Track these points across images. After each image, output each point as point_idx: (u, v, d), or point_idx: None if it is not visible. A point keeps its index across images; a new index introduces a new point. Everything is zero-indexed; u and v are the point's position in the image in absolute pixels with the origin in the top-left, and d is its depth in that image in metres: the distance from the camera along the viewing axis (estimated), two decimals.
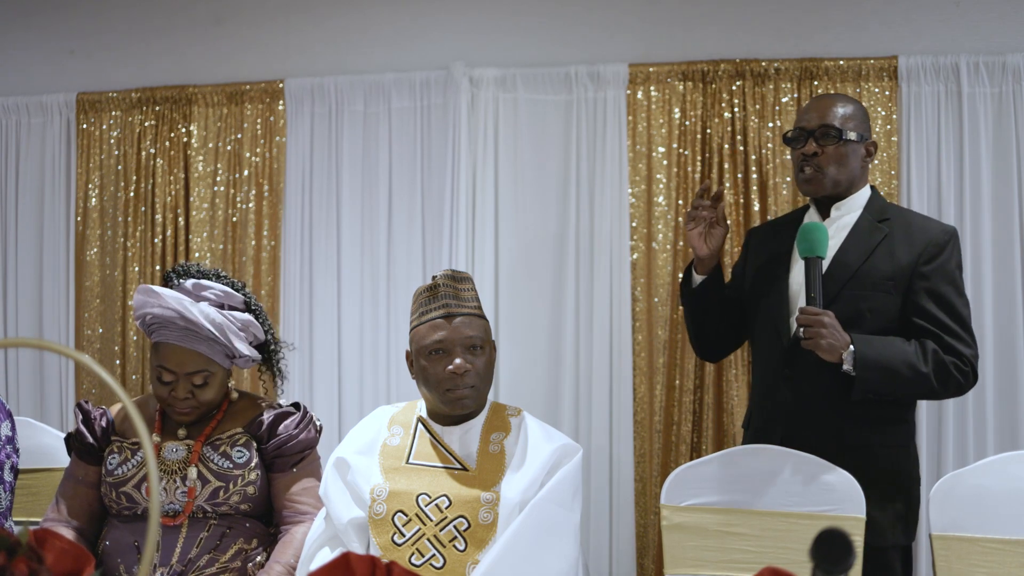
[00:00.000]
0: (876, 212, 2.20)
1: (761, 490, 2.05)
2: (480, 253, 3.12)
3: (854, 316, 2.09)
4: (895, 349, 2.05)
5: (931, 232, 2.15)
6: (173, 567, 1.92)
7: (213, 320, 2.01)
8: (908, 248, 2.12)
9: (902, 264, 2.11)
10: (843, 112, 2.18)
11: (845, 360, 2.03)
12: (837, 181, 2.18)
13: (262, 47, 3.37)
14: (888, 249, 2.13)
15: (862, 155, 2.20)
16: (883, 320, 2.10)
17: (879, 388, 2.05)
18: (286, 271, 3.27)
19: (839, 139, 2.16)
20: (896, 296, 2.11)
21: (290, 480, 2.08)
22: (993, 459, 2.11)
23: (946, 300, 2.09)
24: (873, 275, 2.11)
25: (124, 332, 3.36)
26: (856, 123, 2.19)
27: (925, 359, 2.04)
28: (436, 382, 1.94)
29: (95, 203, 3.40)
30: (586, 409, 3.07)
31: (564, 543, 1.83)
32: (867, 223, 2.17)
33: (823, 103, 2.23)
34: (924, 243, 2.12)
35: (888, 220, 2.18)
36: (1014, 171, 2.94)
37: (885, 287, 2.11)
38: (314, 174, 3.28)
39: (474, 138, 3.16)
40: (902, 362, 2.04)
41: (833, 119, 2.17)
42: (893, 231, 2.15)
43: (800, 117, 2.25)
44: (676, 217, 3.08)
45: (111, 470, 2.03)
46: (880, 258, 2.12)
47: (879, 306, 2.11)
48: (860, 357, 2.02)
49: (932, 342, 2.06)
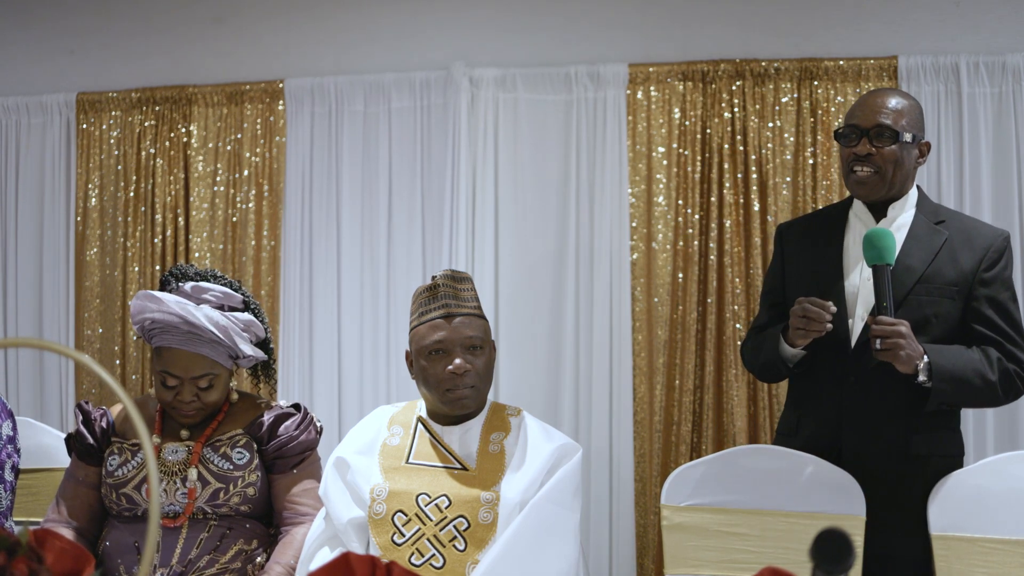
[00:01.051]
0: (930, 213, 2.14)
1: (761, 490, 2.05)
2: (480, 253, 3.12)
3: (920, 321, 2.04)
4: (966, 359, 2.02)
5: (989, 237, 2.11)
6: (173, 568, 1.92)
7: (217, 323, 2.01)
8: (970, 253, 2.08)
9: (965, 270, 2.07)
10: (899, 110, 2.08)
11: (921, 371, 1.98)
12: (893, 183, 2.10)
13: (262, 47, 3.37)
14: (950, 253, 2.08)
15: (915, 156, 2.12)
16: (947, 326, 2.06)
17: (952, 398, 2.03)
18: (286, 271, 3.27)
19: (895, 140, 2.06)
20: (959, 302, 2.07)
21: (290, 481, 2.08)
22: (993, 459, 2.12)
23: (1005, 307, 2.07)
24: (938, 280, 2.07)
25: (124, 332, 3.36)
26: (912, 122, 2.10)
27: (992, 368, 2.02)
28: (436, 382, 1.94)
29: (95, 203, 3.40)
30: (586, 409, 3.07)
31: (564, 543, 1.83)
32: (924, 225, 2.12)
33: (878, 99, 2.12)
34: (984, 248, 2.08)
35: (944, 223, 2.13)
36: (1014, 171, 2.94)
37: (949, 292, 2.06)
38: (314, 174, 3.28)
39: (474, 138, 3.16)
40: (973, 372, 2.01)
41: (888, 118, 2.07)
42: (952, 235, 2.10)
43: (852, 112, 2.15)
44: (676, 217, 3.08)
45: (111, 471, 2.03)
46: (943, 262, 2.08)
47: (944, 312, 2.06)
48: (936, 368, 1.97)
49: (995, 350, 2.04)
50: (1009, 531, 1.96)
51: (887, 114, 2.08)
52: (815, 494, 2.02)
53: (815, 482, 2.02)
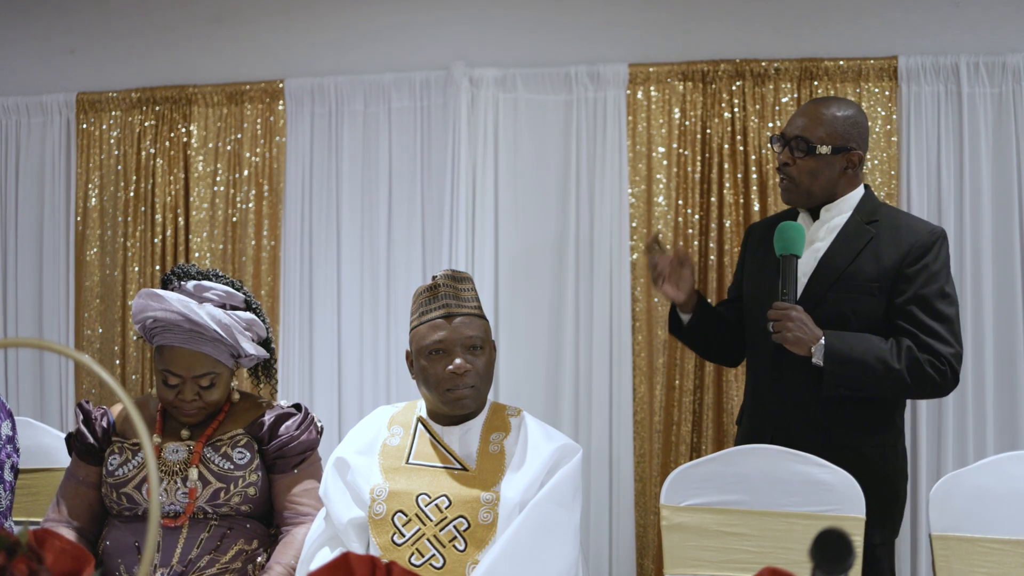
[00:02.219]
0: (866, 214, 2.18)
1: (761, 490, 2.05)
2: (480, 253, 3.13)
3: (840, 318, 2.10)
4: (867, 345, 2.06)
5: (918, 233, 2.13)
6: (173, 568, 1.92)
7: (220, 321, 2.01)
8: (894, 249, 2.12)
9: (887, 266, 2.11)
10: (819, 122, 2.15)
11: (814, 354, 2.05)
12: (811, 193, 2.17)
13: (262, 47, 3.37)
14: (874, 251, 2.13)
15: (840, 167, 2.16)
16: (869, 322, 2.11)
17: (850, 383, 2.06)
18: (286, 271, 3.27)
19: (809, 153, 2.14)
20: (881, 298, 2.11)
21: (291, 481, 2.08)
22: (993, 459, 2.11)
23: (927, 301, 2.08)
24: (858, 277, 2.12)
25: (124, 332, 3.36)
26: (834, 134, 2.14)
27: (899, 356, 2.04)
28: (436, 382, 1.94)
29: (95, 203, 3.40)
30: (586, 409, 3.07)
31: (564, 543, 1.83)
32: (855, 225, 2.17)
33: (807, 111, 2.20)
34: (910, 244, 2.11)
35: (876, 222, 2.17)
36: (1014, 171, 2.94)
37: (870, 289, 2.11)
38: (314, 174, 3.28)
39: (474, 138, 3.16)
40: (874, 357, 2.04)
41: (809, 130, 2.15)
42: (880, 232, 2.14)
43: (790, 120, 2.24)
44: (676, 217, 3.08)
45: (112, 471, 2.03)
46: (866, 260, 2.12)
47: (864, 308, 2.11)
48: (829, 350, 2.03)
49: (909, 340, 2.06)
50: (1009, 531, 1.96)
51: (806, 126, 2.15)
52: (815, 494, 2.02)
53: (815, 482, 2.02)
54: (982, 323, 2.91)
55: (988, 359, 2.90)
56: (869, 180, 3.00)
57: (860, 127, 2.19)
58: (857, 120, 2.18)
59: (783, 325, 2.04)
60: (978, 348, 2.92)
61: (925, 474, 2.89)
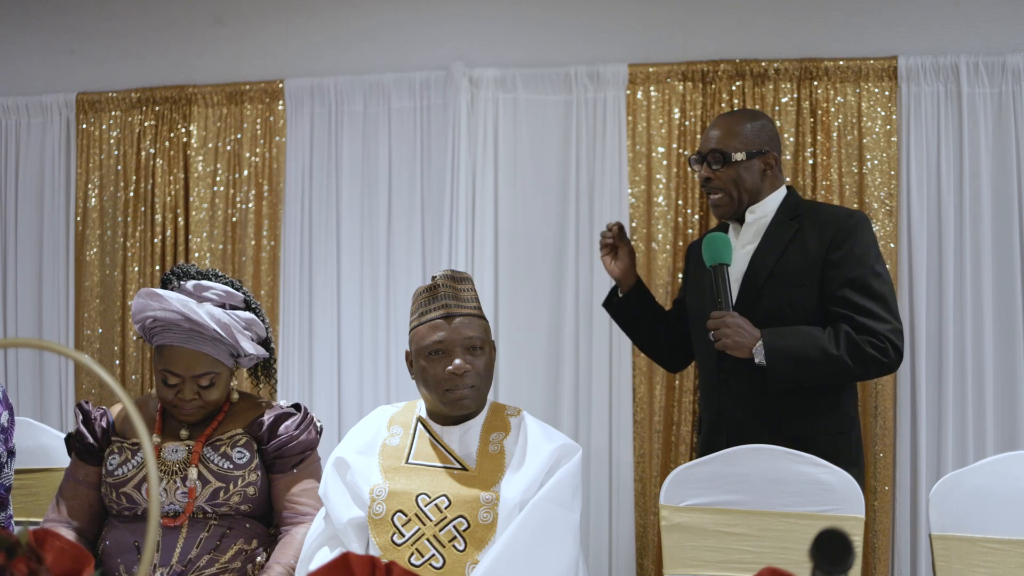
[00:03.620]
0: (789, 211, 2.26)
1: (761, 490, 2.05)
2: (480, 253, 3.13)
3: (776, 312, 2.17)
4: (804, 336, 2.11)
5: (838, 219, 2.21)
6: (173, 567, 1.92)
7: (220, 320, 2.01)
8: (818, 239, 2.19)
9: (813, 256, 2.18)
10: (729, 133, 2.26)
11: (756, 354, 2.11)
12: (740, 200, 2.27)
13: (262, 47, 3.37)
14: (800, 243, 2.20)
15: (759, 169, 2.26)
16: (804, 312, 2.17)
17: (794, 377, 2.11)
18: (286, 271, 3.27)
19: (726, 163, 2.24)
20: (812, 287, 2.17)
21: (290, 481, 2.08)
22: (993, 459, 2.11)
23: (858, 282, 2.13)
24: (787, 270, 2.19)
25: (124, 332, 3.36)
26: (745, 140, 2.25)
27: (837, 342, 2.09)
28: (436, 382, 1.94)
29: (95, 203, 3.40)
30: (586, 409, 3.07)
31: (563, 543, 1.83)
32: (779, 223, 2.25)
33: (718, 125, 2.31)
34: (833, 231, 2.18)
35: (799, 216, 2.24)
36: (1014, 171, 2.94)
37: (799, 280, 2.18)
38: (314, 174, 3.28)
39: (474, 138, 3.16)
40: (813, 347, 2.09)
41: (722, 142, 2.26)
42: (803, 225, 2.22)
43: (702, 138, 2.35)
44: (676, 217, 3.08)
45: (111, 471, 2.03)
46: (793, 253, 2.20)
47: (797, 299, 2.18)
48: (768, 348, 2.09)
49: (845, 324, 2.11)
50: (1009, 531, 1.96)
51: (716, 139, 2.28)
52: (815, 494, 2.02)
53: (815, 482, 2.02)
54: (982, 323, 2.91)
55: (988, 359, 2.90)
56: (869, 180, 3.00)
57: (769, 131, 2.30)
58: (765, 125, 2.30)
59: (722, 332, 2.12)
60: (978, 348, 2.92)
61: (925, 474, 2.89)
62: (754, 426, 2.20)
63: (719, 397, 2.29)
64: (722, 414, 2.28)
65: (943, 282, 2.93)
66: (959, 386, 2.92)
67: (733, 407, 2.25)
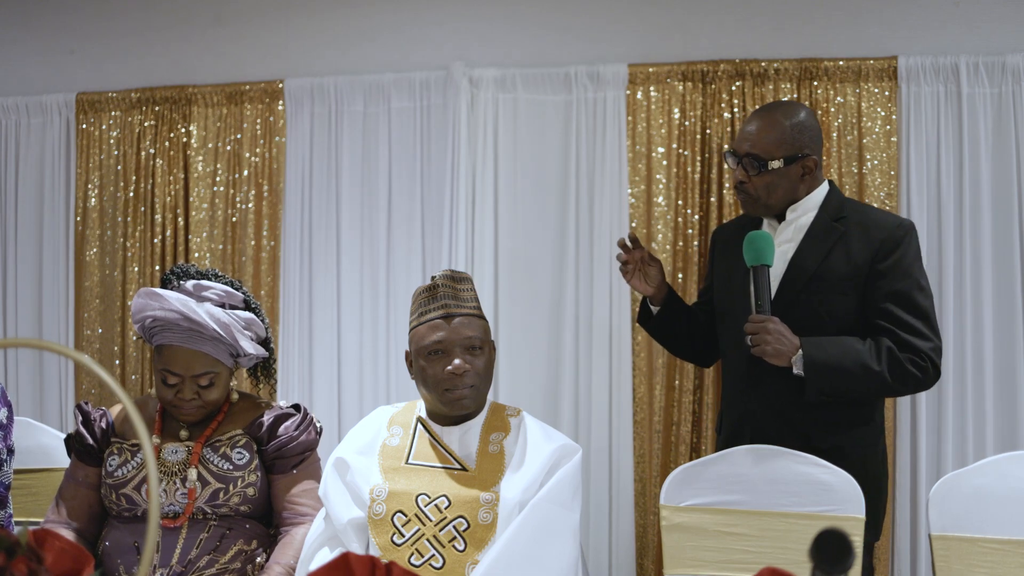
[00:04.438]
0: (832, 211, 2.15)
1: (761, 490, 2.05)
2: (480, 253, 3.12)
3: (813, 319, 2.08)
4: (846, 349, 2.04)
5: (887, 228, 2.10)
6: (173, 568, 1.92)
7: (219, 320, 2.01)
8: (864, 246, 2.09)
9: (858, 263, 2.09)
10: (767, 136, 2.11)
11: (794, 364, 2.04)
12: (769, 206, 2.16)
13: (262, 47, 3.37)
14: (844, 249, 2.10)
15: (797, 175, 2.13)
16: (843, 321, 2.09)
17: (832, 389, 2.04)
18: (286, 271, 3.27)
19: (761, 170, 2.11)
20: (854, 296, 2.09)
21: (290, 481, 2.08)
22: (993, 459, 2.11)
23: (903, 296, 2.06)
24: (830, 277, 2.10)
25: (124, 332, 3.36)
26: (782, 145, 2.11)
27: (879, 357, 2.02)
28: (435, 382, 1.94)
29: (95, 203, 3.40)
30: (586, 409, 3.07)
31: (563, 543, 1.83)
32: (822, 224, 2.14)
33: (750, 122, 2.16)
34: (880, 240, 2.09)
35: (844, 218, 2.14)
36: (1014, 171, 2.94)
37: (842, 288, 2.09)
38: (314, 174, 3.28)
39: (474, 138, 3.16)
40: (853, 361, 2.02)
41: (756, 146, 2.12)
42: (849, 229, 2.12)
43: (739, 132, 2.20)
44: (676, 218, 3.08)
45: (111, 472, 2.03)
46: (836, 259, 2.10)
47: (837, 308, 2.09)
48: (808, 359, 2.02)
49: (888, 339, 2.04)
50: (1009, 531, 1.96)
51: (752, 141, 2.13)
52: (815, 494, 2.02)
53: (815, 482, 2.02)
54: (982, 323, 2.91)
55: (988, 359, 2.90)
56: (869, 180, 3.00)
57: (810, 130, 2.15)
58: (805, 124, 2.14)
59: (761, 339, 2.03)
60: (978, 348, 2.92)
61: (925, 474, 2.89)
62: (781, 433, 2.12)
63: (745, 399, 2.21)
64: (747, 417, 2.20)
65: (943, 282, 2.93)
66: (959, 386, 2.92)
67: (760, 411, 2.17)
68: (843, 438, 2.12)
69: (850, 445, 2.12)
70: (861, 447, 2.14)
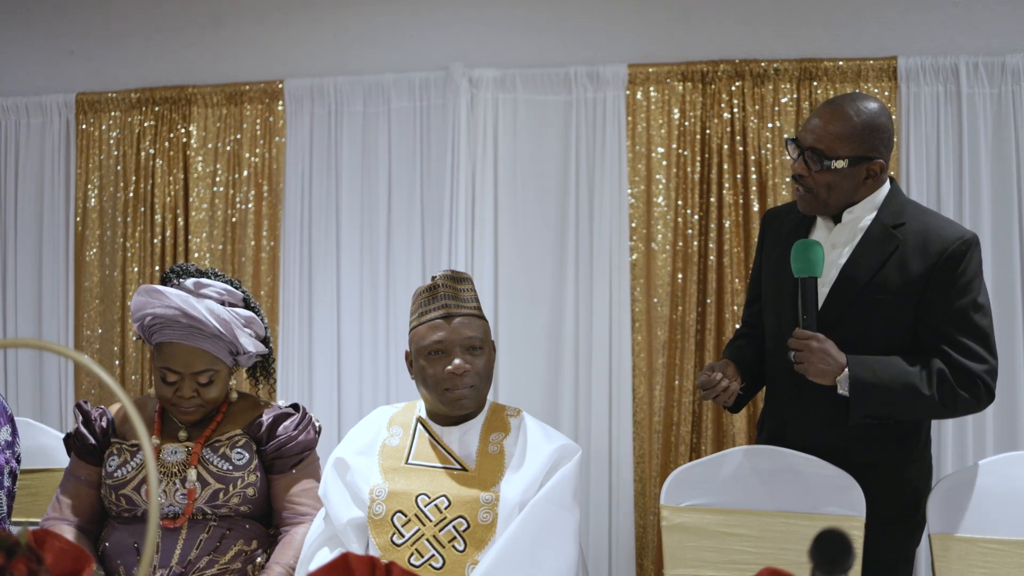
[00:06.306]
0: (892, 215, 2.00)
1: (761, 490, 2.05)
2: (479, 253, 3.13)
3: (863, 332, 1.97)
4: (895, 371, 1.92)
5: (945, 242, 1.94)
6: (173, 568, 1.92)
7: (219, 316, 2.01)
8: (922, 259, 1.94)
9: (913, 277, 1.94)
10: (834, 132, 1.95)
11: (839, 384, 1.93)
12: (828, 204, 2.01)
13: (262, 47, 3.37)
14: (900, 260, 1.96)
15: (860, 176, 1.97)
16: (894, 335, 1.97)
17: (877, 412, 1.94)
18: (285, 271, 3.27)
19: (824, 168, 1.96)
20: (907, 311, 1.96)
21: (290, 481, 2.08)
22: (993, 459, 2.11)
23: (960, 315, 1.93)
24: (883, 290, 1.96)
25: (124, 332, 3.36)
26: (849, 145, 1.94)
27: (929, 381, 1.91)
28: (435, 382, 1.94)
29: (94, 203, 3.40)
30: (585, 410, 3.07)
31: (563, 543, 1.83)
32: (880, 230, 1.99)
33: (817, 114, 2.00)
34: (938, 254, 1.93)
35: (903, 226, 1.98)
36: (1013, 171, 2.94)
37: (896, 303, 1.95)
38: (313, 174, 3.28)
39: (474, 138, 3.16)
40: (902, 384, 1.91)
41: (823, 142, 1.96)
42: (907, 239, 1.96)
43: (806, 121, 2.04)
44: (676, 218, 3.08)
45: (111, 472, 2.03)
46: (891, 270, 1.96)
47: (889, 322, 1.97)
48: (855, 381, 1.91)
49: (940, 360, 1.93)
50: (1009, 531, 1.96)
51: (818, 135, 1.97)
52: (815, 494, 2.02)
53: (815, 482, 2.02)
54: None
55: None
56: None
57: (881, 131, 1.97)
58: (877, 124, 1.96)
59: (804, 356, 1.92)
60: None
61: None
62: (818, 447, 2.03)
63: (784, 407, 2.12)
64: (785, 427, 2.11)
65: None
66: None
67: (800, 422, 2.08)
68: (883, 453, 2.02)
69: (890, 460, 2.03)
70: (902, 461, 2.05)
